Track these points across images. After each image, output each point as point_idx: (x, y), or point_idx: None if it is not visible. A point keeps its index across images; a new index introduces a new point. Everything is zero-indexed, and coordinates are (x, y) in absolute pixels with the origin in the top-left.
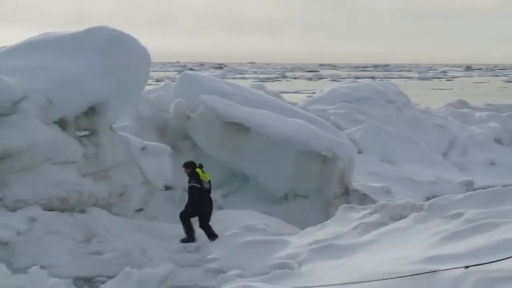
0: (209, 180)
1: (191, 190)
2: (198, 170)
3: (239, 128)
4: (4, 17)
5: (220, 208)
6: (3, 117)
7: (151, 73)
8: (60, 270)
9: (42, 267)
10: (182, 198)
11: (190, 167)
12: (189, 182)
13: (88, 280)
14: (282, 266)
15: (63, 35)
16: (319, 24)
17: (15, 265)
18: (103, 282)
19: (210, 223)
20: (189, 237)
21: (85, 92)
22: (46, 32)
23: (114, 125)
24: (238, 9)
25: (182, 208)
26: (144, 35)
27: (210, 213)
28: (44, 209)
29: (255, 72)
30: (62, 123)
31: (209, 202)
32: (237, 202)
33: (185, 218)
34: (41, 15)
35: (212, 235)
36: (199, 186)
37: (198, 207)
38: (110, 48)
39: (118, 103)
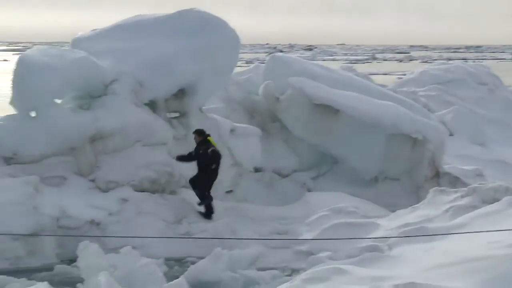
0: None
1: (214, 155)
2: (210, 139)
3: (328, 110)
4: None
5: (309, 190)
6: (95, 99)
7: (241, 55)
8: (151, 251)
9: (133, 247)
10: (271, 180)
11: (202, 135)
12: (202, 148)
13: (179, 260)
14: (372, 248)
15: (154, 17)
16: (410, 4)
17: (108, 245)
18: (193, 263)
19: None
20: (206, 198)
21: (175, 74)
22: (138, 15)
23: (203, 107)
24: None
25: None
26: (233, 17)
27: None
28: (135, 190)
29: (345, 54)
30: (152, 105)
31: (217, 170)
32: (327, 184)
33: (200, 187)
34: None
35: (207, 212)
36: (218, 151)
37: (213, 175)
38: (200, 31)
39: (208, 85)
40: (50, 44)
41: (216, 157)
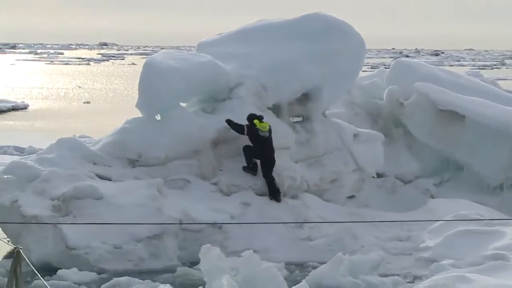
0: (269, 130)
1: (239, 124)
2: (255, 121)
3: (453, 115)
4: (222, 4)
5: (432, 196)
6: (219, 102)
7: (366, 60)
8: (272, 255)
9: (254, 251)
10: (394, 186)
11: (248, 119)
12: None
13: (300, 265)
14: (497, 257)
15: (279, 21)
16: None
17: (229, 248)
18: (314, 267)
19: None
20: (250, 168)
21: (299, 79)
22: (262, 19)
23: (327, 112)
24: None
25: None
26: (359, 21)
27: (272, 163)
28: (257, 194)
29: (473, 59)
30: (276, 109)
31: (270, 151)
32: (450, 191)
33: (246, 150)
34: (257, 2)
35: (274, 193)
36: (245, 129)
37: (258, 154)
38: (326, 35)
39: (332, 89)
40: (177, 48)
41: (237, 128)
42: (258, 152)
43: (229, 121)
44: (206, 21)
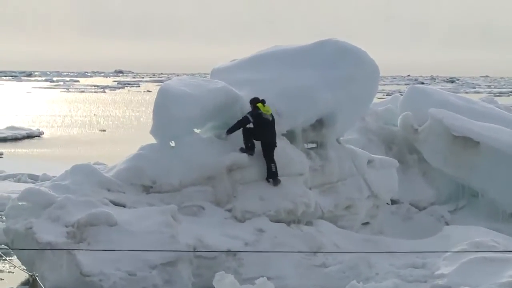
0: (271, 114)
1: (241, 118)
2: (259, 104)
3: (468, 141)
4: (236, 32)
5: (447, 223)
6: None
7: (381, 87)
8: (286, 282)
9: (269, 278)
10: (408, 213)
11: (252, 102)
12: None
13: None
14: None
15: (293, 47)
16: None
17: (244, 275)
18: None
19: None
20: (248, 148)
21: (313, 105)
22: (276, 45)
23: (341, 138)
24: (475, 18)
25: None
26: (374, 47)
27: (273, 145)
28: (272, 221)
29: (489, 86)
30: (290, 135)
31: (272, 134)
32: (465, 217)
33: (245, 132)
34: (270, 29)
35: (272, 175)
36: (249, 117)
37: (261, 136)
38: (340, 61)
39: (346, 116)
40: (192, 75)
41: (241, 120)
42: (261, 134)
43: (229, 130)
44: (220, 49)
